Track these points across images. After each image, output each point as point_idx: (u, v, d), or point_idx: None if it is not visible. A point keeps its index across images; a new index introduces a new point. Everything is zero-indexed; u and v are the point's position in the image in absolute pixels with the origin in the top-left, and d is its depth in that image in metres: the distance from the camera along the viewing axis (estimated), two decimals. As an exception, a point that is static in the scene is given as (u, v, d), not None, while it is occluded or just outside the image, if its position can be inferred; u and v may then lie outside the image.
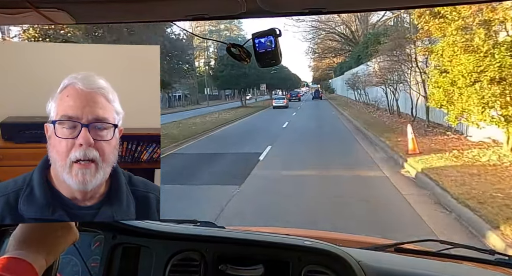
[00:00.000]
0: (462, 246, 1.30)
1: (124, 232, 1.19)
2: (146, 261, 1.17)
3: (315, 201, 5.24)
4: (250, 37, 0.90)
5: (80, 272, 1.17)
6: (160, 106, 0.74)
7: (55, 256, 0.69)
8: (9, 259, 0.61)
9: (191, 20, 0.87)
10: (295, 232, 1.46)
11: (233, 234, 1.25)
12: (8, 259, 0.61)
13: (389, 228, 4.10)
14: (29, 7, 0.74)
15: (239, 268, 1.13)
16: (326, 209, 4.85)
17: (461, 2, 0.90)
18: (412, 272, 1.13)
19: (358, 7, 0.95)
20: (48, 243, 0.67)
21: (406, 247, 1.30)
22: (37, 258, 0.63)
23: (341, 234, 1.78)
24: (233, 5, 0.79)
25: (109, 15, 0.91)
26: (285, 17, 0.89)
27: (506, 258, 1.21)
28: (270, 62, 0.90)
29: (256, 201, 5.45)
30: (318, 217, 4.54)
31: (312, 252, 1.13)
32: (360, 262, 1.09)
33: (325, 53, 57.51)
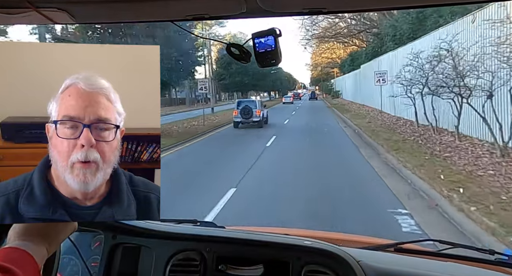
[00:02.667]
0: (462, 246, 1.30)
1: (124, 232, 1.19)
2: (146, 261, 1.17)
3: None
4: (250, 37, 0.90)
5: (80, 272, 1.17)
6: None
7: (55, 246, 0.70)
8: (10, 249, 0.62)
9: (191, 20, 0.87)
10: (295, 232, 1.46)
11: (233, 234, 1.25)
12: (9, 249, 0.62)
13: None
14: (29, 7, 0.74)
15: (239, 268, 1.13)
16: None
17: (461, 2, 0.90)
18: (412, 272, 1.13)
19: (358, 7, 0.95)
20: (48, 233, 0.67)
21: (406, 247, 1.30)
22: (37, 248, 0.64)
23: (341, 234, 1.78)
24: (233, 5, 0.79)
25: (109, 15, 0.91)
26: (285, 17, 0.89)
27: (506, 258, 1.21)
28: (270, 62, 0.90)
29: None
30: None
31: (312, 252, 1.13)
32: (360, 262, 1.09)
33: (329, 36, 40.49)
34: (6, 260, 0.58)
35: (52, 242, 0.67)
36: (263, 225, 4.87)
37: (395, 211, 4.79)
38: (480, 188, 5.21)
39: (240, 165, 8.21)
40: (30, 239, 0.65)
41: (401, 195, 5.52)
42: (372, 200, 5.38)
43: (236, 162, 8.85)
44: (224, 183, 6.40)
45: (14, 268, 0.57)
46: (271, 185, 6.53)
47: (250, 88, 40.02)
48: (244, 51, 0.91)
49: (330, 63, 59.99)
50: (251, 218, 4.67)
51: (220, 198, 5.51)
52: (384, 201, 5.24)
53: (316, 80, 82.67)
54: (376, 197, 5.48)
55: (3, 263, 0.57)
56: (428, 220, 4.48)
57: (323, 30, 40.73)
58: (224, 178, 6.97)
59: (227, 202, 5.40)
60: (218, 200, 5.40)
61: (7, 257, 0.59)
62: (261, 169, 7.96)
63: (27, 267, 0.60)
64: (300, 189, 6.11)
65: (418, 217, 4.52)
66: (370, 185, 6.24)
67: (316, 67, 71.82)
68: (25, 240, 0.64)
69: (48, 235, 0.67)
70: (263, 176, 7.33)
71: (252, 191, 6.09)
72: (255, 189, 6.27)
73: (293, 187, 6.26)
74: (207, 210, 4.97)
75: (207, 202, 5.31)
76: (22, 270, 0.58)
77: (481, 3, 1.05)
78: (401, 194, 5.54)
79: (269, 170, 7.92)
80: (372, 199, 5.40)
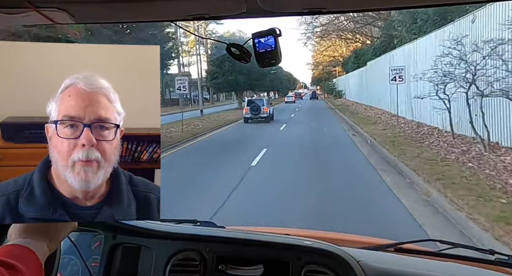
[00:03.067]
0: (462, 246, 1.30)
1: (124, 232, 1.19)
2: (146, 261, 1.17)
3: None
4: (250, 37, 0.90)
5: (80, 272, 1.17)
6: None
7: (56, 243, 0.70)
8: (12, 246, 0.62)
9: (191, 20, 0.87)
10: (295, 232, 1.46)
11: (233, 234, 1.25)
12: (11, 246, 0.62)
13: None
14: (29, 7, 0.74)
15: (239, 268, 1.13)
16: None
17: (461, 2, 0.90)
18: (412, 272, 1.13)
19: (358, 7, 0.95)
20: (49, 230, 0.68)
21: (406, 247, 1.30)
22: (39, 245, 0.64)
23: (341, 234, 1.78)
24: (233, 5, 0.79)
25: (109, 15, 0.91)
26: (285, 17, 0.89)
27: (506, 258, 1.20)
28: (270, 62, 0.90)
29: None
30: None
31: (312, 252, 1.13)
32: (360, 262, 1.09)
33: (330, 31, 38.33)
34: (9, 256, 0.59)
35: (52, 240, 0.68)
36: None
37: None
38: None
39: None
40: (31, 236, 0.65)
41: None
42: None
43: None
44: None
45: (18, 264, 0.58)
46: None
47: (246, 88, 38.06)
48: (244, 51, 0.91)
49: (332, 62, 57.06)
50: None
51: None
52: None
53: (317, 80, 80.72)
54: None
55: (6, 259, 0.58)
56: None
57: (325, 26, 38.63)
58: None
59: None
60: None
61: (10, 253, 0.60)
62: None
63: (30, 263, 0.60)
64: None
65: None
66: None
67: (318, 66, 69.32)
68: (27, 237, 0.65)
69: (49, 232, 0.68)
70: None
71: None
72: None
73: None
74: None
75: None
76: (26, 266, 0.59)
77: (481, 3, 1.05)
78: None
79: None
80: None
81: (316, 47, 53.18)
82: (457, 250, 1.28)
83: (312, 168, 7.60)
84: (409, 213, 4.45)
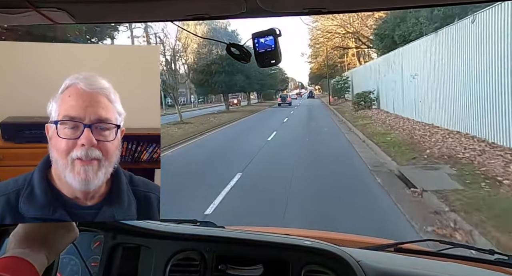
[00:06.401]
0: (462, 246, 1.30)
1: (124, 232, 1.19)
2: (146, 261, 1.17)
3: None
4: (250, 37, 0.90)
5: (80, 272, 1.17)
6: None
7: (55, 254, 0.69)
8: (10, 259, 0.61)
9: (191, 20, 0.87)
10: (295, 232, 1.46)
11: (233, 234, 1.25)
12: (9, 259, 0.61)
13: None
14: (29, 7, 0.74)
15: (239, 268, 1.13)
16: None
17: (461, 2, 0.89)
18: (412, 272, 1.13)
19: (358, 7, 0.95)
20: (49, 241, 0.67)
21: (406, 247, 1.30)
22: (38, 257, 0.63)
23: (341, 234, 1.78)
24: (233, 5, 0.79)
25: (109, 15, 0.91)
26: (285, 17, 0.89)
27: (506, 258, 1.20)
28: (270, 62, 0.90)
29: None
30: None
31: (312, 252, 1.13)
32: (360, 262, 1.09)
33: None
34: (8, 270, 0.58)
35: (51, 251, 0.67)
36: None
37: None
38: None
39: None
40: (30, 247, 0.64)
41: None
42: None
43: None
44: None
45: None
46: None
47: (236, 90, 36.40)
48: (244, 51, 0.92)
49: (344, 40, 34.68)
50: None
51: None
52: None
53: (316, 77, 66.98)
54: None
55: (3, 273, 0.57)
56: None
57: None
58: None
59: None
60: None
61: (8, 267, 0.59)
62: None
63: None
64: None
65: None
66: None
67: (318, 55, 46.60)
68: (26, 248, 0.64)
69: (48, 243, 0.67)
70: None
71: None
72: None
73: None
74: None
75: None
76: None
77: (482, 3, 1.05)
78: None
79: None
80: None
81: (319, 21, 32.98)
82: (457, 250, 1.28)
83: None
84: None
